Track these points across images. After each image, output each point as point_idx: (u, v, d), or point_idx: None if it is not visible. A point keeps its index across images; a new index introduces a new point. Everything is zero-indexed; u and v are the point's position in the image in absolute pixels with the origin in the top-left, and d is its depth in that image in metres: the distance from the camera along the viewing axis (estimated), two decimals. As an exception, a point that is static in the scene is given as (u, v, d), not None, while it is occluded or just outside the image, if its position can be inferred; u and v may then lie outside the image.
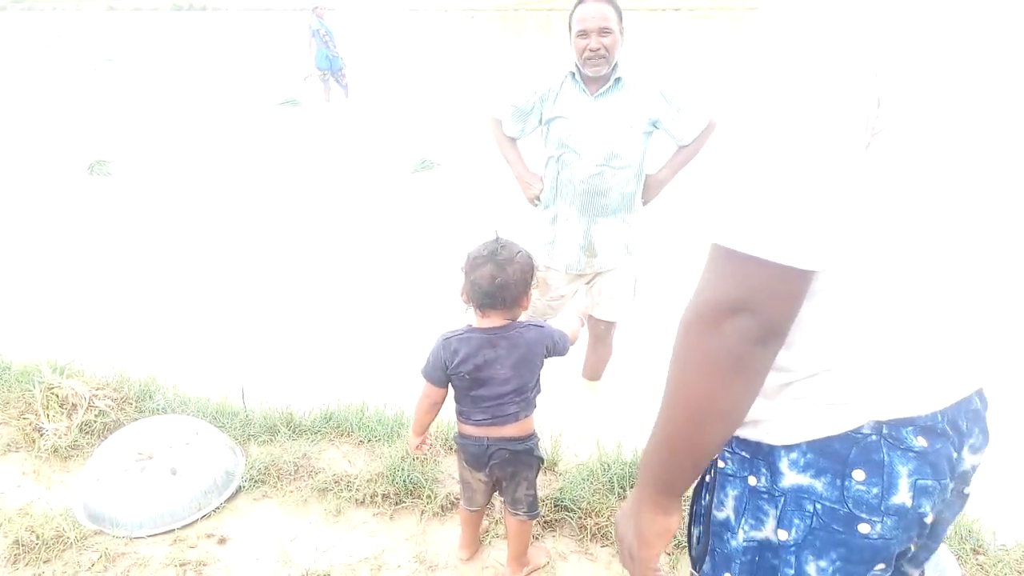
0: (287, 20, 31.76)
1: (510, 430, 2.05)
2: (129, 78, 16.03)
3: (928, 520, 1.01)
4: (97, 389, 3.02)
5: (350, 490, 2.57)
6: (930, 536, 1.09)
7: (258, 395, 3.16)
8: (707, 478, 1.14)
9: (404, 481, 2.56)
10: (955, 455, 1.02)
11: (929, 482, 0.98)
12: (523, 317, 2.09)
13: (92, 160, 7.87)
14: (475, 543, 2.35)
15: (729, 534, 1.08)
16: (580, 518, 2.44)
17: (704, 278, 0.92)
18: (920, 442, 0.98)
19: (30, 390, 2.98)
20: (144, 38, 26.42)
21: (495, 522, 2.46)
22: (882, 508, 0.97)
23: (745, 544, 1.06)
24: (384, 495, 2.55)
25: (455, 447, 2.17)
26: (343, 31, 12.75)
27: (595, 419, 3.26)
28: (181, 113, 11.42)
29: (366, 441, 2.86)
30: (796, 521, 1.00)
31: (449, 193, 6.95)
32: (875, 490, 0.97)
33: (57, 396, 2.92)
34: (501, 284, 1.92)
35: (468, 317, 2.07)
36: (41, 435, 2.82)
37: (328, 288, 4.83)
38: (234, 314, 4.44)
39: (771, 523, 1.03)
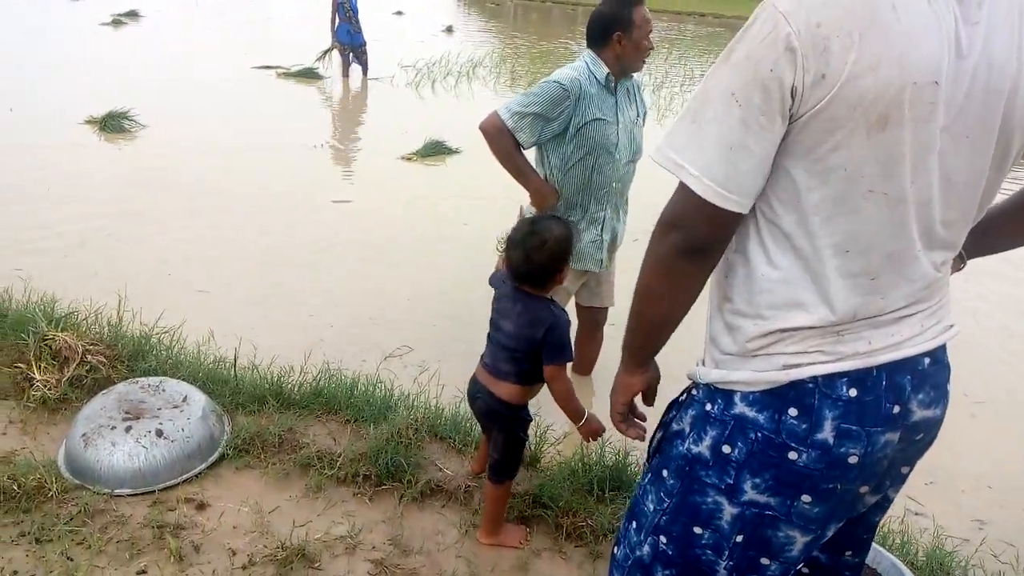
0: (313, -9, 31.61)
1: (499, 388, 2.22)
2: (150, 34, 15.98)
3: (852, 461, 1.21)
4: (91, 344, 3.03)
5: (332, 468, 2.59)
6: (882, 477, 1.32)
7: (250, 361, 3.18)
8: (681, 398, 1.43)
9: (386, 464, 2.57)
10: (894, 408, 1.22)
11: (853, 427, 1.20)
12: None
13: (105, 113, 7.85)
14: (483, 461, 2.53)
15: (678, 441, 1.37)
16: (557, 516, 2.46)
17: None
18: (851, 392, 1.20)
19: (24, 339, 3.00)
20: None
21: (473, 512, 2.48)
22: (808, 441, 1.21)
23: (684, 452, 1.35)
24: (365, 476, 2.57)
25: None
26: (366, 9, 12.73)
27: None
28: (197, 73, 11.38)
29: (352, 420, 2.88)
30: (740, 444, 1.26)
31: (463, 178, 6.95)
32: (804, 425, 1.21)
33: (50, 348, 2.94)
34: (527, 271, 2.14)
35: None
36: (31, 385, 2.84)
37: (331, 263, 4.84)
38: (233, 280, 4.45)
39: (707, 442, 1.30)
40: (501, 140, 2.86)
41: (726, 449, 1.28)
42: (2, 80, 9.88)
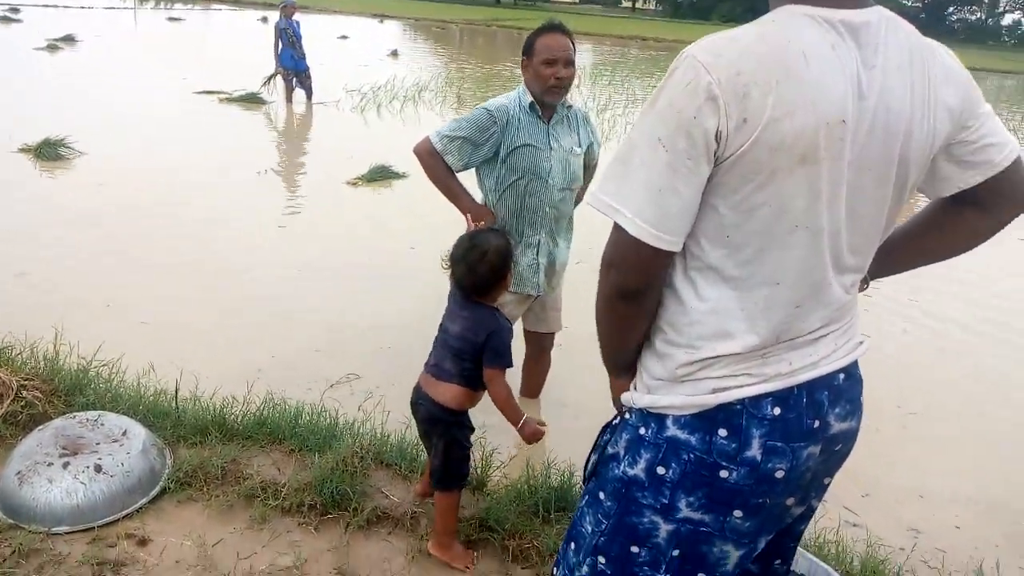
0: (257, 16, 31.42)
1: (441, 392, 2.30)
2: (88, 59, 15.68)
3: (779, 476, 1.29)
4: (26, 379, 2.96)
5: (277, 498, 2.57)
6: (807, 489, 1.40)
7: (192, 392, 3.14)
8: (614, 422, 1.49)
9: (332, 493, 2.57)
10: (815, 423, 1.31)
11: (778, 444, 1.28)
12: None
13: (40, 141, 7.66)
14: (428, 484, 2.52)
15: (614, 464, 1.42)
16: (503, 539, 2.48)
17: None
18: (775, 411, 1.28)
19: (-45, 376, 2.91)
20: (111, 18, 25.85)
21: (420, 538, 2.49)
22: (737, 459, 1.28)
23: (620, 475, 1.40)
24: (311, 505, 2.56)
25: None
26: (311, 34, 12.71)
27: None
28: (137, 99, 11.21)
29: (297, 450, 2.86)
30: (673, 465, 1.32)
31: (409, 202, 6.95)
32: (733, 445, 1.28)
33: (-18, 384, 2.86)
34: (471, 284, 2.26)
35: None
36: (-38, 423, 2.76)
37: (275, 291, 4.81)
38: (175, 310, 4.39)
39: (642, 464, 1.36)
40: (432, 163, 2.98)
41: (660, 470, 1.34)
42: (-69, 107, 9.59)
